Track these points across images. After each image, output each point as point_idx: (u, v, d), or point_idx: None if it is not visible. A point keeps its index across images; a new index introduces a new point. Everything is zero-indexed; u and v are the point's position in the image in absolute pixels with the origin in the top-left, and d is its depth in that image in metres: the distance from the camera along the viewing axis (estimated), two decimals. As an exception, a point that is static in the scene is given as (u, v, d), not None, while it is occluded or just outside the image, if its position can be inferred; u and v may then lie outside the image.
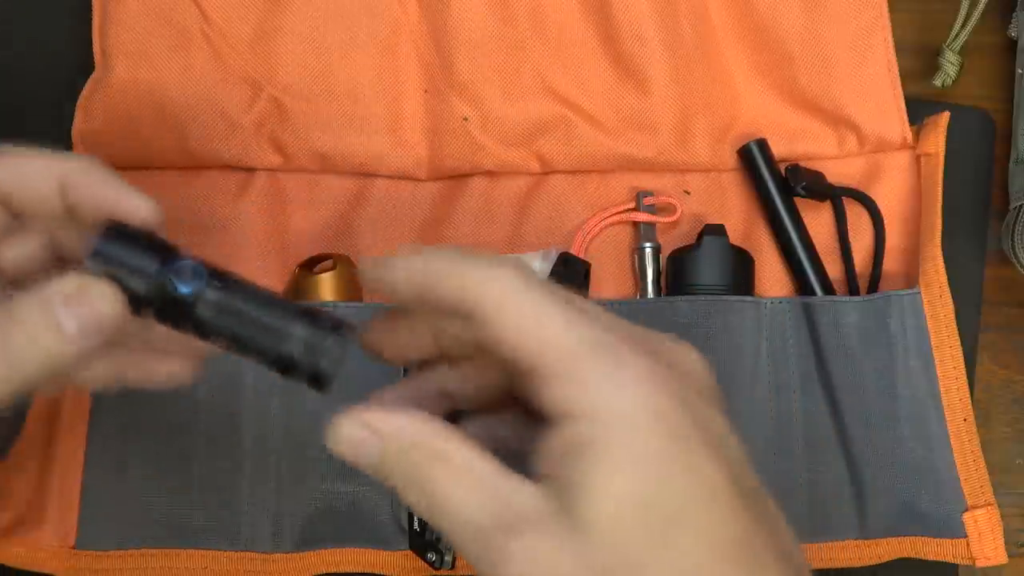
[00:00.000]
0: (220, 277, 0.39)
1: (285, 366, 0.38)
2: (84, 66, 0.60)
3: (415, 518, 0.54)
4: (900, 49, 0.61)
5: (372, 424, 0.34)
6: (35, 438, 0.57)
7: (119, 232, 0.38)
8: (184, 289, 0.38)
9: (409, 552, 0.55)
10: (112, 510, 0.56)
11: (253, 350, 0.38)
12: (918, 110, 0.60)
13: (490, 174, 0.60)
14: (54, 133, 0.59)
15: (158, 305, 0.38)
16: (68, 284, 0.36)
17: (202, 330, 0.38)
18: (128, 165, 0.59)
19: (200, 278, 0.38)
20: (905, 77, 0.60)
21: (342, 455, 0.34)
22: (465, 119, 0.60)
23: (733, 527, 0.32)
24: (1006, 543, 0.54)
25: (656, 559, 0.31)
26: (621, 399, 0.32)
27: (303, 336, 0.37)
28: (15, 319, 0.36)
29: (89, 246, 0.37)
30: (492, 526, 0.32)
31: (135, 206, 0.39)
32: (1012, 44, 0.63)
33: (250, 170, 0.60)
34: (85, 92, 0.60)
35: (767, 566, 0.32)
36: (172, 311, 0.38)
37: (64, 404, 0.57)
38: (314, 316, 0.37)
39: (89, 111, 0.59)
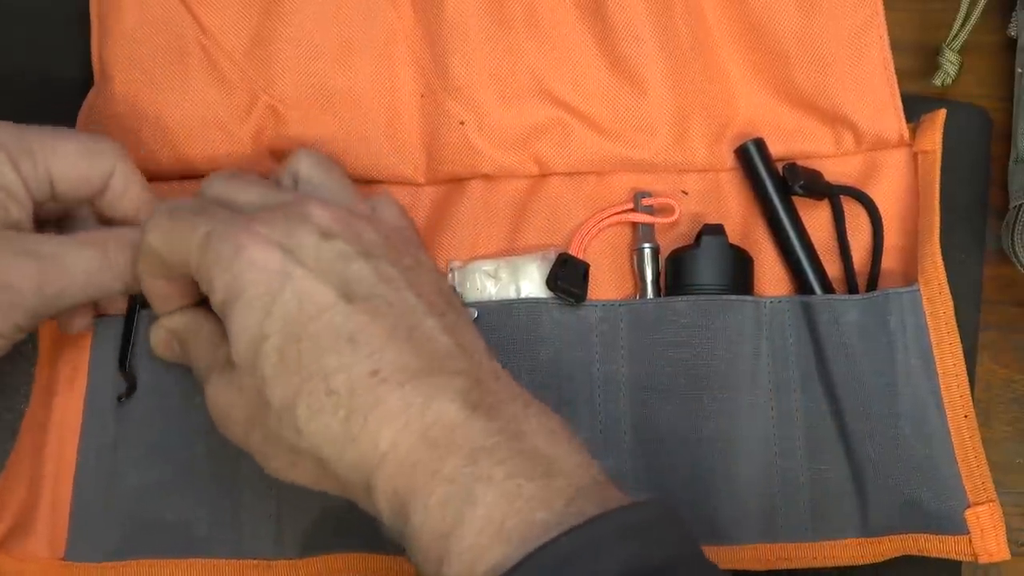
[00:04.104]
0: None
1: None
2: (85, 79, 0.62)
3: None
4: (899, 48, 0.62)
5: (164, 323, 0.54)
6: (25, 447, 0.58)
7: None
8: None
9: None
10: (104, 519, 0.57)
11: None
12: (914, 107, 0.62)
13: (488, 177, 0.62)
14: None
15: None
16: None
17: None
18: (128, 176, 0.61)
19: None
20: (905, 76, 0.62)
21: (159, 352, 0.55)
22: (462, 123, 0.61)
23: (345, 327, 0.44)
24: (1008, 541, 0.55)
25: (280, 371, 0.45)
26: (232, 266, 0.46)
27: None
28: (126, 233, 0.53)
29: None
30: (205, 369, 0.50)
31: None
32: (1012, 43, 0.65)
33: (247, 179, 0.62)
34: (85, 105, 0.62)
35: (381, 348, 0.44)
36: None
37: (55, 411, 0.58)
38: None
39: (88, 124, 0.61)
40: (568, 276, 0.59)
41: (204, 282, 0.48)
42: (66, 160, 0.52)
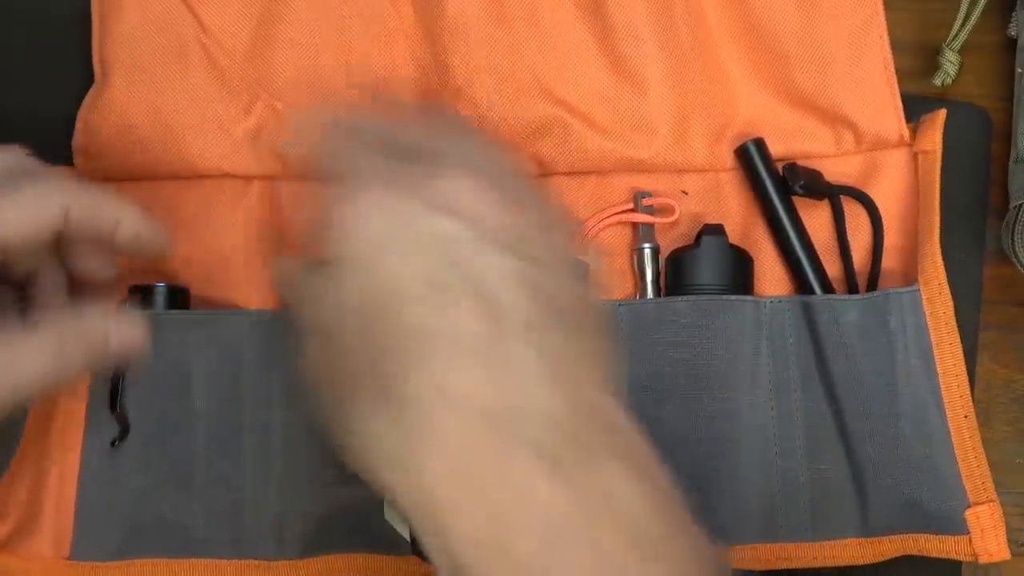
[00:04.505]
0: None
1: None
2: (85, 79, 0.63)
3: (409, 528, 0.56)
4: (900, 48, 0.63)
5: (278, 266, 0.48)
6: (30, 448, 0.58)
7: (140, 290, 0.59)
8: None
9: (414, 558, 0.56)
10: (108, 520, 0.57)
11: None
12: (914, 107, 0.62)
13: (489, 176, 0.62)
14: (55, 146, 0.61)
15: None
16: (118, 316, 0.49)
17: None
18: (126, 176, 0.62)
19: None
20: (905, 76, 0.62)
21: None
22: None
23: (425, 317, 0.38)
24: (1008, 541, 0.55)
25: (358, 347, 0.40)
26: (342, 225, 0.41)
27: None
28: (83, 321, 0.48)
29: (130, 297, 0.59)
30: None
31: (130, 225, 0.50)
32: (1012, 43, 0.65)
33: (247, 178, 0.62)
34: (85, 105, 0.62)
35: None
36: None
37: (59, 413, 0.59)
38: None
39: (88, 124, 0.62)
40: None
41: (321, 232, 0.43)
42: (10, 224, 0.47)
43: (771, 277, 0.61)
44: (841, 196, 0.61)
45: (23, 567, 0.57)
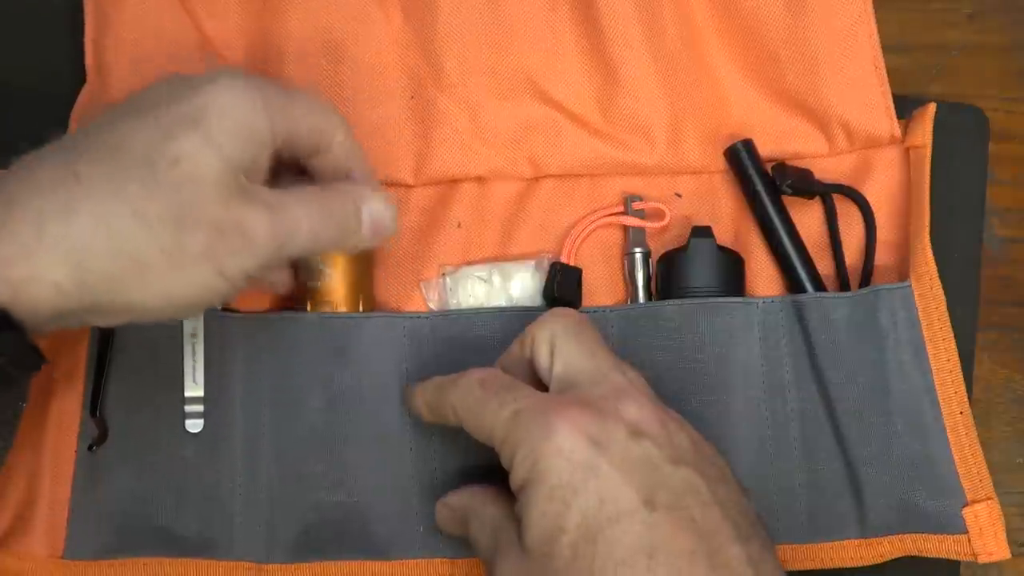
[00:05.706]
0: None
1: None
2: (78, 79, 0.63)
3: None
4: (899, 49, 0.63)
5: (447, 502, 0.54)
6: (24, 446, 0.58)
7: None
8: None
9: (406, 562, 0.57)
10: (101, 519, 0.57)
11: None
12: (908, 106, 0.62)
13: (480, 179, 0.63)
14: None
15: None
16: (378, 195, 0.53)
17: None
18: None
19: None
20: (905, 77, 0.62)
21: (444, 527, 0.55)
22: (455, 124, 0.62)
23: (646, 538, 0.43)
24: (1007, 541, 0.55)
25: (572, 569, 0.44)
26: (539, 449, 0.45)
27: None
28: (339, 195, 0.51)
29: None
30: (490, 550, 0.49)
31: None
32: (1012, 44, 0.65)
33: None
34: (78, 105, 0.62)
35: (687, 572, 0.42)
36: None
37: (53, 412, 0.59)
38: None
39: (83, 124, 0.61)
40: (562, 285, 0.59)
41: (506, 458, 0.47)
42: (303, 114, 0.51)
43: (764, 277, 0.61)
44: (834, 194, 0.61)
45: (16, 565, 0.57)
